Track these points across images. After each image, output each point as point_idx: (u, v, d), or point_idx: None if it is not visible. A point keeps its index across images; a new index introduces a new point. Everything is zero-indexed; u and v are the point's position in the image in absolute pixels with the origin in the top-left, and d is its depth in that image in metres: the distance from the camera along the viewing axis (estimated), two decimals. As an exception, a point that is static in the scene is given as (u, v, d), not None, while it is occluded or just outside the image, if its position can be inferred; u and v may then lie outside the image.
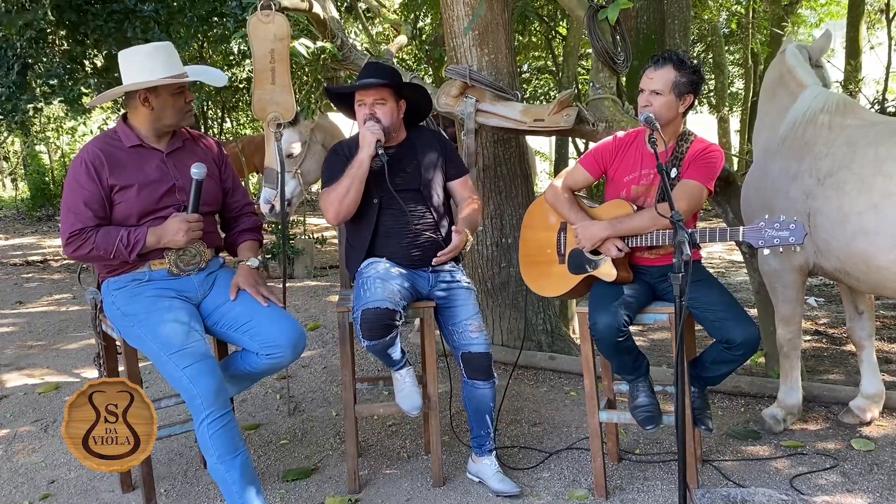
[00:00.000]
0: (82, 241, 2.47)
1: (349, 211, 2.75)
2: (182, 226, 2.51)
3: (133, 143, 2.59)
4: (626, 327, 2.57)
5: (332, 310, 5.51)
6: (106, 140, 2.60)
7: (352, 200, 2.72)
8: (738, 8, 11.64)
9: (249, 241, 2.81)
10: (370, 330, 2.54)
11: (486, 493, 2.79)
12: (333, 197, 2.73)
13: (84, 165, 2.50)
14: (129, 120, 2.62)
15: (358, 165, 2.70)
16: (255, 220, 2.89)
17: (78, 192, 2.49)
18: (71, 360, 4.63)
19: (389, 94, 2.77)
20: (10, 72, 5.74)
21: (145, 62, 2.54)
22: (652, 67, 2.65)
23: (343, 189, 2.71)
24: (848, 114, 2.98)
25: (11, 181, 18.42)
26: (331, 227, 10.88)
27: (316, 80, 4.51)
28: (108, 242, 2.47)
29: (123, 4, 5.75)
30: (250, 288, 2.61)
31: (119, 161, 2.54)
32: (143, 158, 2.58)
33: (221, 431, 2.39)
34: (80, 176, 2.50)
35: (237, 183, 2.86)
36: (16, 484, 2.99)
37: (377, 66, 2.96)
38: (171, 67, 2.56)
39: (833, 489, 2.73)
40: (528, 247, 3.00)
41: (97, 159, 2.51)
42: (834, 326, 5.01)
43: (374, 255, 2.78)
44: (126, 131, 2.60)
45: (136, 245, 2.49)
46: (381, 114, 2.74)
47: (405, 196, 2.77)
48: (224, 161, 2.83)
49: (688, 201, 2.61)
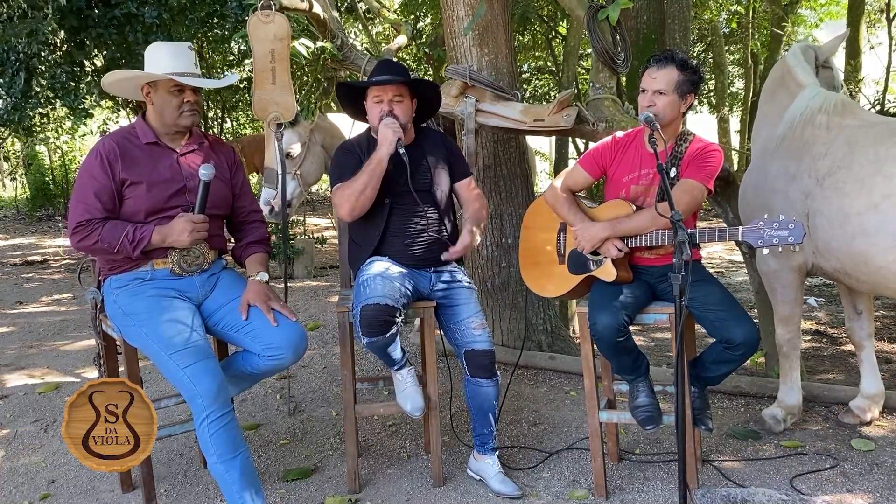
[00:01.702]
0: (88, 231, 2.48)
1: (364, 208, 2.72)
2: (187, 226, 2.51)
3: (149, 140, 2.61)
4: (626, 327, 2.57)
5: (332, 310, 5.51)
6: (123, 134, 2.62)
7: (368, 198, 2.70)
8: (738, 8, 11.64)
9: (258, 254, 2.79)
10: (370, 326, 2.54)
11: (487, 493, 2.79)
12: (349, 193, 2.70)
13: (98, 158, 2.52)
14: (147, 116, 2.65)
15: (377, 163, 2.67)
16: (263, 230, 2.87)
17: (89, 184, 2.51)
18: (71, 360, 4.63)
19: (406, 92, 2.77)
20: (15, 78, 5.74)
21: (156, 57, 2.59)
22: (654, 67, 2.64)
23: (360, 186, 2.68)
24: (847, 114, 2.98)
25: (11, 181, 18.42)
26: (331, 227, 10.88)
27: (316, 80, 4.51)
28: (113, 237, 2.47)
29: (125, 9, 5.74)
30: (261, 304, 2.59)
31: (133, 157, 2.56)
32: (156, 156, 2.60)
33: (222, 431, 2.39)
34: (93, 168, 2.52)
35: (247, 189, 2.86)
36: (16, 484, 2.99)
37: (393, 63, 2.95)
38: (178, 65, 2.57)
39: (833, 489, 2.73)
40: (528, 247, 3.00)
41: (112, 153, 2.53)
42: (834, 326, 5.02)
43: (379, 254, 2.78)
44: (143, 128, 2.62)
45: (140, 242, 2.49)
46: (398, 111, 2.73)
47: (414, 195, 2.76)
48: (237, 166, 2.84)
49: (687, 200, 2.61)
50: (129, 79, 2.65)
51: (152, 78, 2.59)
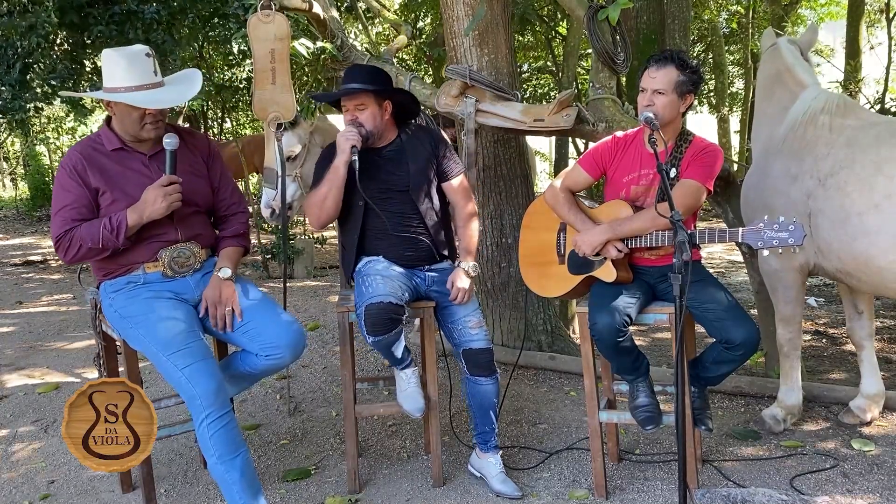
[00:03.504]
0: (69, 241, 2.45)
1: (329, 216, 2.77)
2: (159, 192, 2.44)
3: (115, 146, 2.55)
4: (626, 327, 2.57)
5: (332, 310, 5.51)
6: (88, 144, 2.57)
7: (331, 206, 2.74)
8: (738, 8, 11.64)
9: (229, 248, 2.70)
10: (374, 325, 2.54)
11: (487, 493, 2.79)
12: (314, 201, 2.77)
13: (66, 170, 2.49)
14: (112, 124, 2.59)
15: (333, 171, 2.71)
16: (243, 224, 2.79)
17: (63, 197, 2.48)
18: (71, 360, 4.63)
19: (370, 99, 2.74)
20: (11, 70, 5.73)
21: (111, 70, 2.47)
22: (654, 67, 2.63)
23: (322, 195, 2.73)
24: (848, 114, 2.98)
25: (11, 181, 18.42)
26: (331, 227, 10.86)
27: (316, 80, 4.52)
28: (92, 234, 2.44)
29: (126, 6, 5.74)
30: (211, 307, 2.54)
31: (101, 165, 2.51)
32: (125, 161, 2.55)
33: (221, 431, 2.38)
34: (64, 181, 2.49)
35: (227, 180, 2.79)
36: (16, 484, 2.99)
37: (359, 69, 2.95)
38: (134, 78, 2.45)
39: (833, 489, 2.73)
40: (528, 247, 3.00)
41: (79, 163, 2.49)
42: (834, 326, 5.01)
43: (364, 254, 2.79)
44: (108, 135, 2.57)
45: (119, 227, 2.44)
46: (362, 119, 2.74)
47: (393, 197, 2.77)
48: (213, 157, 2.75)
49: (688, 201, 2.60)
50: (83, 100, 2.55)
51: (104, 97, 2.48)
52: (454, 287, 2.79)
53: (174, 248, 2.57)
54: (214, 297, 2.56)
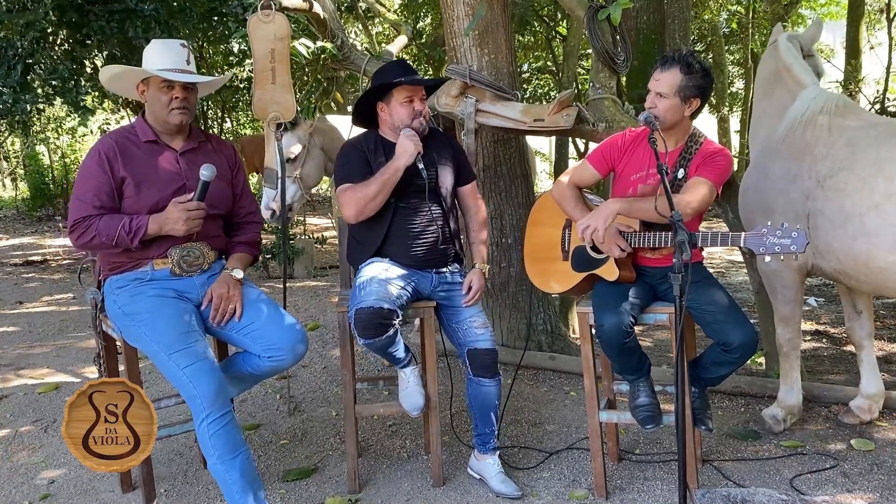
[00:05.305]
0: (85, 228, 2.47)
1: (372, 213, 2.73)
2: (182, 214, 2.48)
3: (148, 138, 2.61)
4: (632, 328, 2.57)
5: (332, 310, 5.51)
6: (123, 133, 2.63)
7: (378, 205, 2.70)
8: (738, 8, 11.65)
9: (241, 253, 2.75)
10: (364, 329, 2.55)
11: (487, 493, 2.79)
12: (360, 197, 2.69)
13: (98, 156, 2.52)
14: (146, 115, 2.65)
15: (393, 172, 2.67)
16: (256, 234, 2.85)
17: (88, 182, 2.51)
18: (71, 360, 4.63)
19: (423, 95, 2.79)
20: (11, 71, 5.74)
21: (149, 55, 2.59)
22: (659, 69, 2.61)
23: (371, 193, 2.67)
24: (848, 115, 2.98)
25: (11, 181, 18.42)
26: (331, 227, 10.88)
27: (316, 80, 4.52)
28: (110, 229, 2.47)
29: (124, 4, 5.75)
30: (217, 299, 2.56)
31: (132, 155, 2.56)
32: (156, 155, 2.60)
33: (222, 431, 2.38)
34: (92, 166, 2.52)
35: (247, 190, 2.86)
36: (16, 484, 2.99)
37: (407, 64, 2.96)
38: (167, 62, 2.56)
39: (833, 489, 2.73)
40: (533, 243, 3.00)
41: (111, 150, 2.53)
42: (834, 326, 5.02)
43: (380, 254, 2.78)
44: (143, 126, 2.63)
45: (137, 231, 2.47)
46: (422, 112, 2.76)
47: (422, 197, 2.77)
48: (238, 166, 2.83)
49: (697, 198, 2.57)
50: (118, 74, 2.65)
51: (138, 72, 2.58)
52: (472, 288, 2.81)
53: (185, 246, 2.58)
54: (222, 292, 2.58)
